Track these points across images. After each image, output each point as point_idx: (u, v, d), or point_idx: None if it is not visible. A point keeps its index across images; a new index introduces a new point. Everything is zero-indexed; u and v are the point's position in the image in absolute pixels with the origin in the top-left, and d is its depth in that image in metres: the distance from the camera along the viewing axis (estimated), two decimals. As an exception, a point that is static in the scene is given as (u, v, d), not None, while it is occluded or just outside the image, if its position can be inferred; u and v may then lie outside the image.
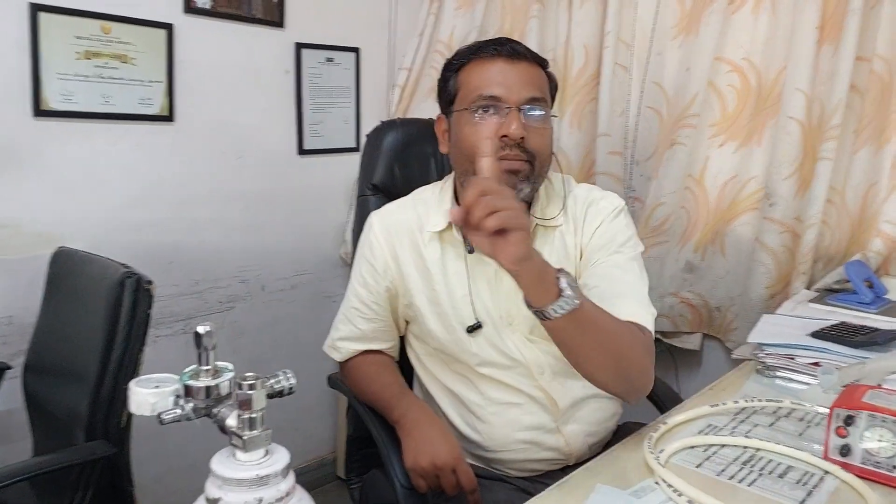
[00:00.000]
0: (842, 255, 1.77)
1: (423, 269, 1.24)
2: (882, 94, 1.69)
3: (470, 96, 1.16)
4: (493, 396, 1.23)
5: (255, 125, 2.04)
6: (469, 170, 1.15)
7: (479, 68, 1.17)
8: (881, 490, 0.95)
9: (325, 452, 2.37)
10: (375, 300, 1.28)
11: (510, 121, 1.13)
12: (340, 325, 1.33)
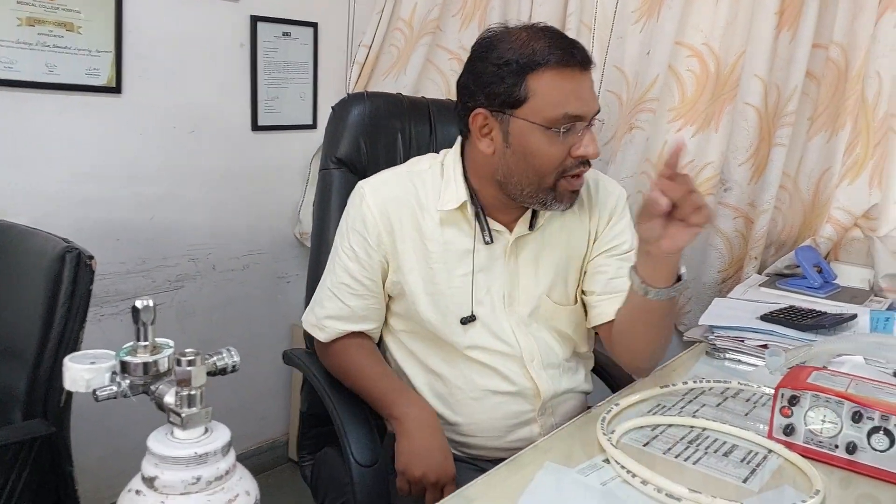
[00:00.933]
0: (793, 240, 1.80)
1: (420, 247, 1.19)
2: (837, 81, 1.71)
3: (549, 112, 1.07)
4: (478, 381, 1.22)
5: (208, 99, 1.98)
6: (534, 182, 1.11)
7: (558, 79, 1.07)
8: (823, 469, 0.96)
9: (277, 434, 2.34)
10: (369, 275, 1.21)
11: (588, 140, 1.09)
12: (327, 303, 1.24)
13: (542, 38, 1.08)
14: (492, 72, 1.09)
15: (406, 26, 2.22)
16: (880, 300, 1.59)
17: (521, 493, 0.87)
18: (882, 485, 0.94)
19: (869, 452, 0.95)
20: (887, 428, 0.94)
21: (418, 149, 1.52)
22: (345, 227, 1.24)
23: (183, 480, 0.73)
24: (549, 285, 1.24)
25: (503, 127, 1.11)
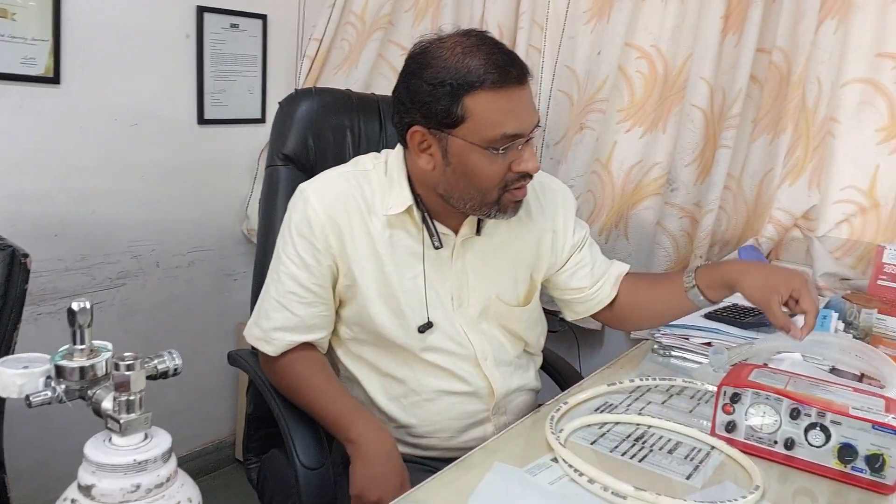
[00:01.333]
0: (737, 239, 1.85)
1: (371, 249, 1.16)
2: (779, 85, 1.75)
3: (486, 133, 1.05)
4: (432, 383, 1.21)
5: (152, 91, 1.92)
6: (477, 198, 1.11)
7: (493, 100, 1.04)
8: (762, 464, 0.99)
9: (223, 435, 2.30)
10: (318, 282, 1.16)
11: (529, 156, 1.09)
12: (274, 314, 1.17)
13: (476, 54, 1.04)
14: (427, 91, 1.06)
15: (358, 20, 2.20)
16: (818, 298, 1.64)
17: (470, 494, 0.87)
18: (818, 479, 0.97)
19: (806, 448, 0.98)
20: (823, 424, 0.97)
21: (368, 146, 1.51)
22: (288, 232, 1.17)
23: (121, 489, 0.71)
24: (499, 287, 1.25)
25: (441, 145, 1.09)
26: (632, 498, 0.85)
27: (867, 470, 0.95)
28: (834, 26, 1.64)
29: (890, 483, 0.94)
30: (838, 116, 1.67)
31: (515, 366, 1.29)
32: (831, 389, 1.04)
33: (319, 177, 1.21)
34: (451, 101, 1.05)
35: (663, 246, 1.88)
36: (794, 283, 1.10)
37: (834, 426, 0.96)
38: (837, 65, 1.66)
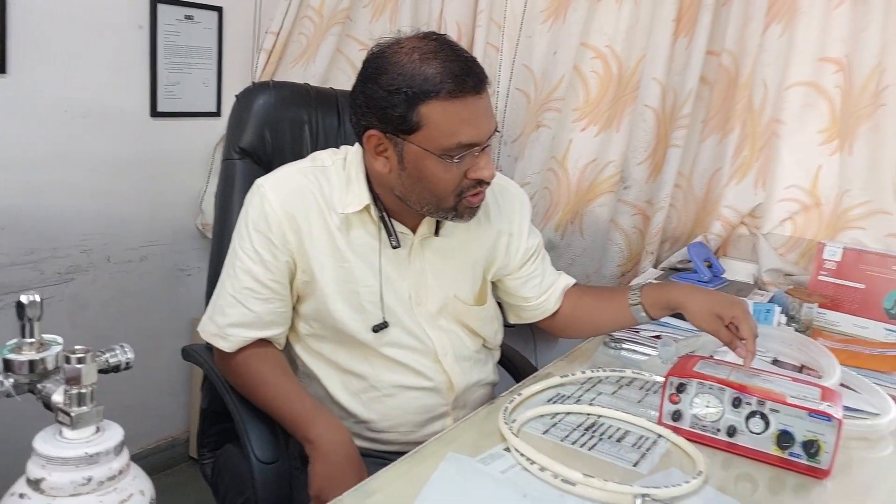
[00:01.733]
0: (687, 236, 1.90)
1: (330, 244, 1.16)
2: (728, 86, 1.80)
3: (442, 141, 1.05)
4: (392, 378, 1.22)
5: (103, 83, 1.89)
6: (433, 203, 1.12)
7: (449, 109, 1.04)
8: (706, 451, 1.02)
9: (177, 432, 2.27)
10: (275, 278, 1.15)
11: (485, 164, 1.09)
12: (229, 310, 1.16)
13: (433, 62, 1.04)
14: (383, 97, 1.06)
15: (316, 14, 2.18)
16: (763, 293, 1.70)
17: (423, 484, 0.88)
18: (758, 465, 1.01)
19: (747, 435, 1.02)
20: (763, 412, 1.01)
21: (325, 141, 1.51)
22: (245, 227, 1.16)
23: (72, 481, 0.71)
24: (457, 286, 1.26)
25: (397, 150, 1.09)
26: (581, 484, 0.87)
27: (804, 455, 0.99)
28: (780, 30, 1.69)
29: (824, 468, 0.98)
30: (783, 118, 1.73)
31: (475, 360, 1.31)
32: (771, 379, 1.08)
33: (277, 171, 1.20)
34: (406, 109, 1.05)
35: (616, 242, 1.92)
36: (734, 311, 1.15)
37: (773, 414, 1.00)
38: (783, 68, 1.72)
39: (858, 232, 1.67)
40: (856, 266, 1.62)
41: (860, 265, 1.62)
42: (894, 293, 1.58)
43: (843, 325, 1.61)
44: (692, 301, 1.20)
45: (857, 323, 1.60)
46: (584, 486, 0.87)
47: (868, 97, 1.62)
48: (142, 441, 2.15)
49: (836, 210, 1.71)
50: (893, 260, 1.59)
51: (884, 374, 1.34)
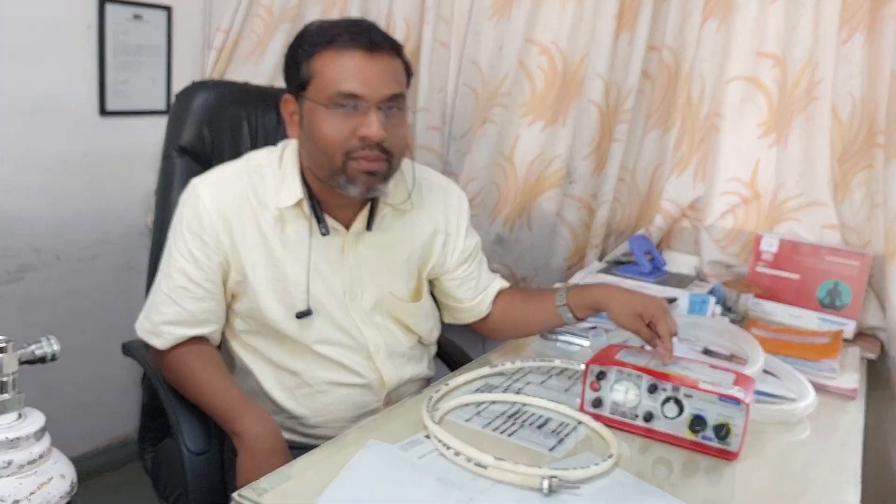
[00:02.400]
0: (631, 229, 1.93)
1: (262, 244, 1.18)
2: (669, 81, 1.84)
3: (326, 90, 1.10)
4: (324, 375, 1.23)
5: (52, 82, 1.88)
6: (326, 164, 1.12)
7: (336, 59, 1.10)
8: (625, 437, 1.06)
9: (129, 430, 2.25)
10: (208, 277, 1.18)
11: (370, 121, 1.09)
12: (164, 308, 1.19)
13: (339, 26, 1.12)
14: (290, 56, 1.15)
15: (266, 12, 2.19)
16: (703, 284, 1.73)
17: (341, 469, 0.90)
18: (674, 449, 1.04)
19: (662, 420, 1.05)
20: (677, 398, 1.04)
21: (265, 138, 1.52)
22: (179, 227, 1.18)
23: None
24: (392, 283, 1.28)
25: (300, 109, 1.15)
26: (492, 467, 0.90)
27: (715, 438, 1.02)
28: (716, 26, 1.73)
29: (734, 450, 1.01)
30: (722, 112, 1.77)
31: (409, 357, 1.32)
32: (689, 366, 1.11)
33: (211, 172, 1.22)
34: (302, 62, 1.12)
35: (562, 236, 1.95)
36: (653, 310, 1.18)
37: (686, 399, 1.03)
38: (721, 62, 1.75)
39: (794, 223, 1.71)
40: (791, 257, 1.67)
41: (795, 256, 1.66)
42: (827, 283, 1.63)
43: (779, 315, 1.65)
44: (614, 301, 1.23)
45: (793, 313, 1.65)
46: (496, 469, 0.90)
47: (802, 91, 1.66)
48: (96, 439, 2.15)
49: (774, 202, 1.75)
50: (827, 251, 1.64)
51: (812, 361, 1.38)
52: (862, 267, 1.59)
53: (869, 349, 1.57)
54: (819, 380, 1.33)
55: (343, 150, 1.11)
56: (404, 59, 1.18)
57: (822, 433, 1.18)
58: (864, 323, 1.64)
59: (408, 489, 0.87)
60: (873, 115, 1.62)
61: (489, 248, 2.07)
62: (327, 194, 1.19)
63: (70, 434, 2.07)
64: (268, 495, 0.83)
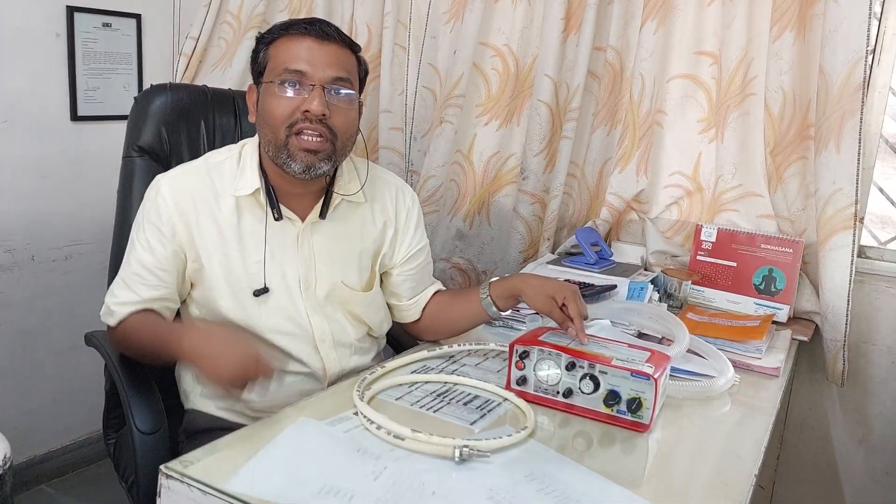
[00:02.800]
0: (583, 222, 2.00)
1: (218, 237, 1.25)
2: (614, 80, 1.92)
3: (277, 70, 1.20)
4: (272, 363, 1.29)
5: (22, 89, 1.95)
6: (272, 140, 1.21)
7: (287, 44, 1.21)
8: (548, 412, 1.13)
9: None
10: (161, 266, 1.25)
11: (313, 97, 1.18)
12: (119, 291, 1.27)
13: (297, 21, 1.24)
14: (253, 49, 1.28)
15: (234, 19, 2.27)
16: (647, 274, 1.81)
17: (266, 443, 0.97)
18: (592, 423, 1.12)
19: (580, 396, 1.12)
20: (593, 374, 1.11)
21: (222, 138, 1.59)
22: (141, 219, 1.27)
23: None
24: (344, 272, 1.34)
25: (258, 95, 1.26)
26: (409, 439, 0.97)
27: (628, 412, 1.10)
28: (654, 27, 1.80)
29: (646, 422, 1.09)
30: (665, 108, 1.85)
31: (356, 348, 1.37)
32: (608, 345, 1.19)
33: (174, 170, 1.31)
34: (261, 51, 1.25)
35: (518, 230, 2.03)
36: (564, 293, 1.25)
37: (602, 375, 1.11)
38: (662, 62, 1.83)
39: (733, 214, 1.79)
40: (728, 246, 1.75)
41: (732, 245, 1.74)
42: (762, 270, 1.71)
43: (719, 301, 1.73)
44: (529, 287, 1.31)
45: (731, 298, 1.72)
46: (412, 441, 0.97)
47: (736, 87, 1.74)
48: (73, 433, 2.22)
49: (715, 194, 1.83)
50: (762, 239, 1.71)
51: (739, 342, 1.45)
52: (794, 254, 1.67)
53: (801, 332, 1.64)
54: (745, 360, 1.41)
55: (287, 123, 1.20)
56: (357, 54, 1.28)
57: (740, 408, 1.25)
58: (799, 307, 1.71)
59: (327, 459, 0.94)
60: (806, 109, 1.69)
61: (451, 244, 2.15)
62: (282, 182, 1.27)
63: (49, 429, 2.16)
64: (193, 467, 0.89)
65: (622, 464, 1.03)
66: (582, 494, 0.90)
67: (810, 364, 1.79)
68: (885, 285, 1.71)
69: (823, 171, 1.61)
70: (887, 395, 1.74)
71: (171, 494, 0.87)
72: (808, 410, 1.83)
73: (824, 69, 1.58)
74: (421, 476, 0.91)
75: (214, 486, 0.85)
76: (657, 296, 1.64)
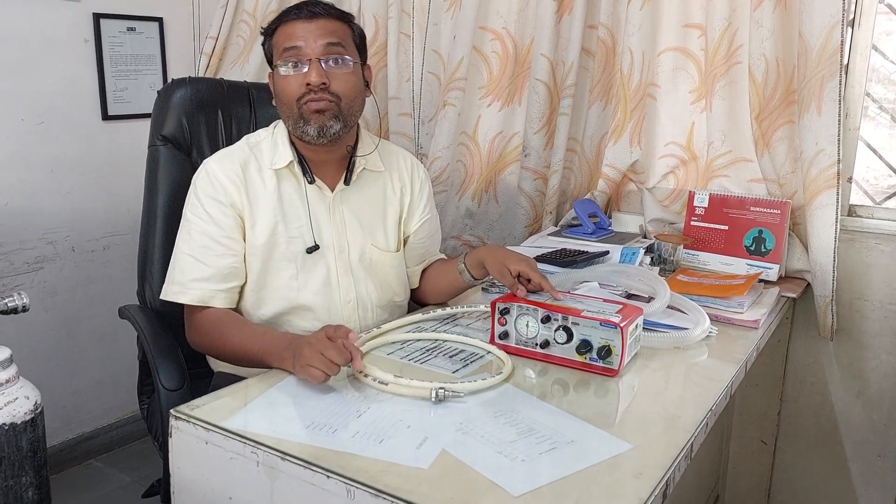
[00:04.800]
0: (583, 195, 2.08)
1: (264, 202, 1.37)
2: (607, 56, 1.99)
3: (278, 52, 1.36)
4: (302, 325, 1.40)
5: (55, 92, 2.12)
6: (289, 115, 1.35)
7: (283, 29, 1.36)
8: (528, 363, 1.23)
9: (149, 403, 2.51)
10: (228, 234, 1.34)
11: (311, 70, 1.32)
12: (189, 268, 1.34)
13: (290, 8, 1.38)
14: (262, 43, 1.43)
15: (250, 18, 2.40)
16: (645, 241, 1.88)
17: (266, 390, 1.09)
18: (568, 371, 1.21)
19: (556, 347, 1.22)
20: (566, 326, 1.21)
21: (238, 126, 1.73)
22: (195, 198, 1.37)
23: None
24: (374, 236, 1.47)
25: (273, 81, 1.40)
26: (392, 384, 1.08)
27: (599, 359, 1.19)
28: (640, 3, 1.86)
29: (615, 368, 1.18)
30: (658, 81, 1.91)
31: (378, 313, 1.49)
32: (583, 301, 1.28)
33: (218, 153, 1.43)
34: (266, 43, 1.41)
35: (522, 206, 2.12)
36: (521, 266, 1.34)
37: (574, 326, 1.20)
38: (652, 36, 1.90)
39: (724, 179, 1.84)
40: (720, 210, 1.81)
41: (723, 209, 1.80)
42: (752, 232, 1.76)
43: (713, 264, 1.80)
44: (490, 257, 1.42)
45: (723, 261, 1.79)
46: (395, 385, 1.08)
47: (722, 57, 1.80)
48: (117, 412, 2.39)
49: (707, 161, 1.89)
50: (751, 202, 1.77)
51: (722, 298, 1.53)
52: (782, 215, 1.72)
53: (791, 290, 1.70)
54: (726, 314, 1.49)
55: (296, 97, 1.34)
56: (350, 24, 1.41)
57: (715, 357, 1.33)
58: (791, 267, 1.77)
59: (316, 402, 1.05)
60: (791, 74, 1.74)
61: (461, 222, 2.25)
62: (309, 153, 1.40)
63: (95, 408, 2.34)
64: (199, 410, 1.02)
65: (598, 405, 1.12)
66: (541, 425, 1.00)
67: (806, 322, 1.84)
68: (874, 242, 1.76)
69: (806, 133, 1.66)
70: (881, 349, 1.78)
71: (180, 434, 1.00)
72: (806, 367, 1.88)
73: (803, 34, 1.63)
74: (400, 414, 1.02)
75: (216, 423, 0.97)
76: (648, 260, 1.71)
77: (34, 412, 0.98)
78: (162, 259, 1.64)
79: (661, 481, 0.88)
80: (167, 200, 1.64)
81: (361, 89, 1.41)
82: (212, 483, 0.98)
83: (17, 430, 0.95)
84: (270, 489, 0.92)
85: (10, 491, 0.95)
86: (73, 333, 2.26)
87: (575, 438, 0.97)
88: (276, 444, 0.92)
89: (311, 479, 0.87)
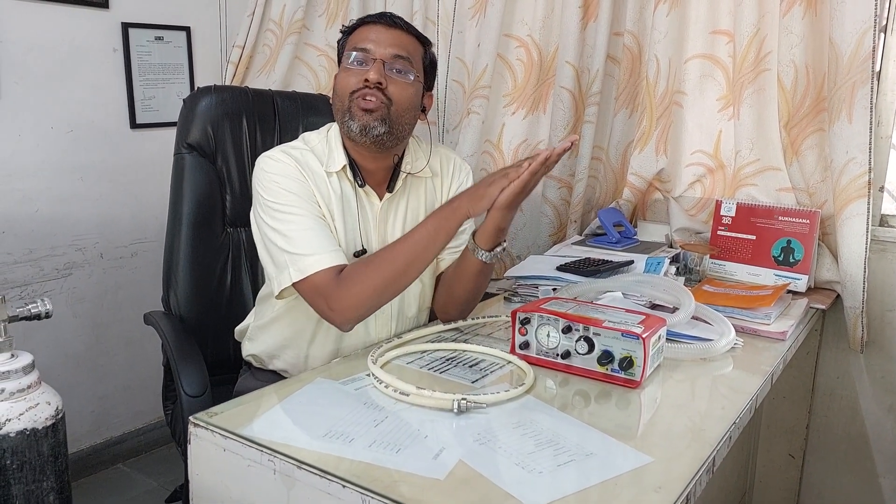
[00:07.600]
0: (609, 204, 2.06)
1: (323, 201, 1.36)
2: (632, 64, 1.97)
3: (348, 50, 1.37)
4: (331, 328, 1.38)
5: (85, 101, 2.16)
6: (340, 108, 1.35)
7: (361, 31, 1.38)
8: (549, 373, 1.21)
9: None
10: (315, 212, 1.33)
11: (373, 69, 1.32)
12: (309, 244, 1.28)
13: (371, 14, 1.41)
14: (338, 41, 1.45)
15: (277, 27, 2.42)
16: (671, 251, 1.85)
17: (286, 397, 1.09)
18: (589, 381, 1.19)
19: (577, 357, 1.20)
20: (587, 336, 1.19)
21: (262, 134, 1.74)
22: (270, 184, 1.32)
23: (-11, 391, 0.94)
24: None
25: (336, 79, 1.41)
26: (414, 395, 1.07)
27: (621, 370, 1.17)
28: (667, 9, 1.85)
29: (637, 379, 1.16)
30: (685, 89, 1.89)
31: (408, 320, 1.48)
32: (605, 311, 1.26)
33: (278, 147, 1.41)
34: (340, 42, 1.42)
35: (546, 214, 2.10)
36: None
37: (596, 337, 1.18)
38: (679, 43, 1.88)
39: (752, 188, 1.82)
40: (748, 219, 1.78)
41: (751, 218, 1.77)
42: (781, 242, 1.73)
43: (739, 274, 1.77)
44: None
45: (751, 271, 1.76)
46: (416, 396, 1.07)
47: (750, 64, 1.77)
48: (144, 417, 2.42)
49: (735, 170, 1.86)
50: (779, 211, 1.74)
51: (748, 310, 1.50)
52: (811, 224, 1.69)
53: (820, 301, 1.66)
54: (753, 326, 1.46)
55: (351, 89, 1.34)
56: (425, 46, 1.42)
57: (741, 369, 1.30)
58: (821, 277, 1.73)
59: (334, 410, 1.05)
60: (822, 82, 1.71)
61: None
62: (359, 157, 1.40)
63: (122, 413, 2.37)
64: (217, 417, 1.02)
65: (619, 417, 1.10)
66: (561, 437, 0.98)
67: (835, 334, 1.80)
68: (907, 253, 1.72)
69: (837, 141, 1.63)
70: (914, 363, 1.74)
71: (199, 441, 1.01)
72: (836, 380, 1.84)
73: (834, 41, 1.60)
74: (418, 424, 1.01)
75: (234, 431, 0.98)
76: (674, 270, 1.69)
77: (55, 417, 0.99)
78: (187, 265, 1.67)
79: (681, 495, 0.87)
80: (192, 208, 1.66)
81: (416, 105, 1.40)
82: (230, 490, 0.98)
83: (38, 436, 0.96)
84: (287, 497, 0.91)
85: (32, 496, 0.96)
86: (101, 339, 2.29)
87: (595, 451, 0.96)
88: (292, 453, 0.92)
89: (326, 487, 0.87)
